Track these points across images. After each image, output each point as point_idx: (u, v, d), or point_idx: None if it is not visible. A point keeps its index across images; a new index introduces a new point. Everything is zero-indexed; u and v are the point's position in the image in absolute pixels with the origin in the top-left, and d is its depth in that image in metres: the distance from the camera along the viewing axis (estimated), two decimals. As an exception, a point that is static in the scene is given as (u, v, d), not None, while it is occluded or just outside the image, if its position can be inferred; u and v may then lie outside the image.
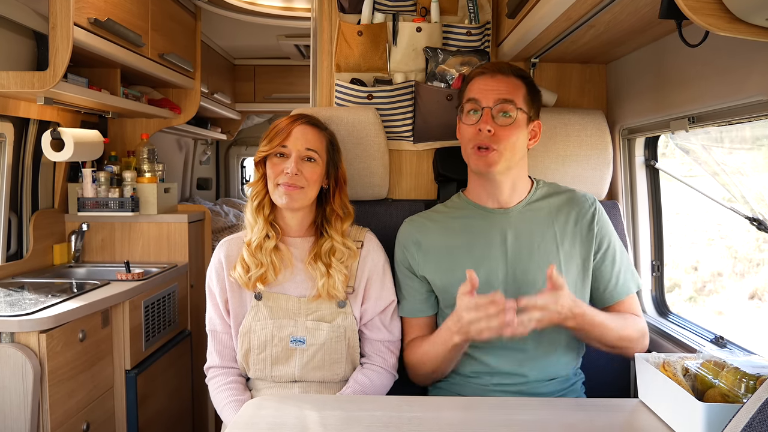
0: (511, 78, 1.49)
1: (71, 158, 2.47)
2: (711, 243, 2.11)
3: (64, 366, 1.93)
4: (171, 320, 2.72)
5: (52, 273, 2.57)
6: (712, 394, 1.06)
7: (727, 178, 1.54)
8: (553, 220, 1.53)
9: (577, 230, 1.53)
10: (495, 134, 1.45)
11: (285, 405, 1.24)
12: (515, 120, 1.46)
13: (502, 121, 1.46)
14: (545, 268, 1.48)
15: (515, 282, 1.49)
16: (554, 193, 1.59)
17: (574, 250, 1.51)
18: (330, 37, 2.01)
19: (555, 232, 1.52)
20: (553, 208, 1.55)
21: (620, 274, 1.54)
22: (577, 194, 1.59)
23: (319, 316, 1.51)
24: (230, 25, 3.50)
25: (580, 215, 1.54)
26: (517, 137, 1.47)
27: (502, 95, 1.46)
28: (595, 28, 1.55)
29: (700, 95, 1.45)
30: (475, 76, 1.52)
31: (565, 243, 1.51)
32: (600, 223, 1.55)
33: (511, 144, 1.46)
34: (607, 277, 1.53)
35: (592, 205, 1.57)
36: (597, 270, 1.53)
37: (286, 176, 1.47)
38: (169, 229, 2.88)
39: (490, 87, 1.47)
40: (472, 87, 1.51)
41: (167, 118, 3.12)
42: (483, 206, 1.56)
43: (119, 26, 2.32)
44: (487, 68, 1.51)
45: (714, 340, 1.57)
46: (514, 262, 1.50)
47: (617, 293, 1.54)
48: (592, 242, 1.52)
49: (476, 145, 1.47)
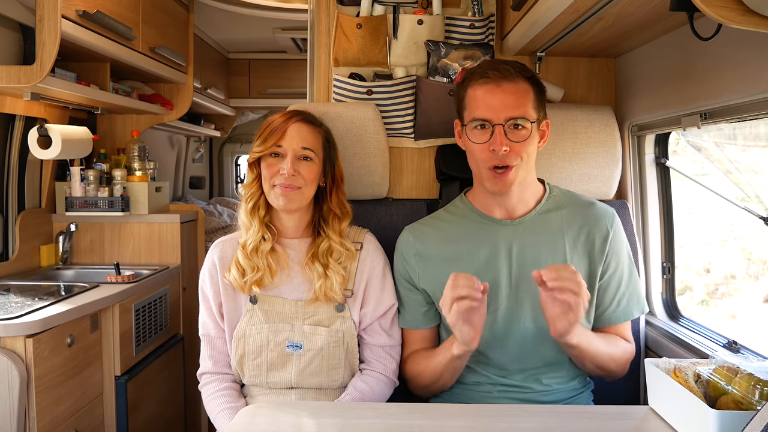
0: (519, 83, 1.41)
1: (59, 156, 2.47)
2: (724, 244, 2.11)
3: (51, 372, 1.93)
4: (162, 324, 2.72)
5: (39, 275, 2.57)
6: (725, 401, 1.06)
7: (740, 176, 1.54)
8: (564, 234, 1.51)
9: (588, 245, 1.50)
10: (511, 151, 1.40)
11: (281, 412, 1.24)
12: (530, 133, 1.41)
13: (515, 136, 1.40)
14: None
15: (517, 298, 1.48)
16: (569, 204, 1.55)
17: (582, 267, 1.49)
18: (328, 30, 2.01)
19: (564, 246, 1.50)
20: (565, 220, 1.52)
21: (623, 298, 1.53)
22: (597, 209, 1.55)
23: (317, 321, 1.51)
24: (224, 17, 3.50)
25: (594, 231, 1.51)
26: (533, 145, 1.44)
27: (514, 112, 1.39)
28: (604, 21, 1.54)
29: (713, 90, 1.45)
30: (478, 83, 1.43)
31: (573, 259, 1.49)
32: (614, 244, 1.51)
33: (527, 156, 1.42)
34: (608, 300, 1.52)
35: (611, 221, 1.53)
36: (601, 291, 1.52)
37: (283, 177, 1.47)
38: (160, 229, 2.88)
39: (499, 101, 1.40)
40: (476, 98, 1.43)
41: (159, 115, 3.12)
42: (489, 216, 1.53)
43: (109, 19, 2.32)
44: (491, 74, 1.41)
45: (727, 344, 1.57)
46: (518, 276, 1.48)
47: (614, 318, 1.53)
48: (602, 262, 1.50)
49: (492, 165, 1.42)
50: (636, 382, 1.74)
